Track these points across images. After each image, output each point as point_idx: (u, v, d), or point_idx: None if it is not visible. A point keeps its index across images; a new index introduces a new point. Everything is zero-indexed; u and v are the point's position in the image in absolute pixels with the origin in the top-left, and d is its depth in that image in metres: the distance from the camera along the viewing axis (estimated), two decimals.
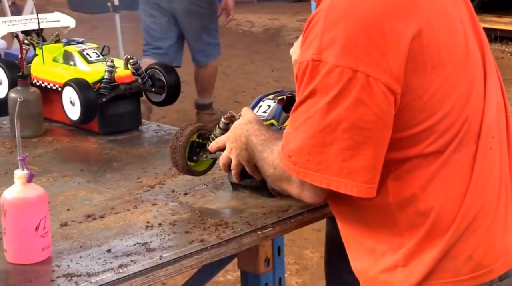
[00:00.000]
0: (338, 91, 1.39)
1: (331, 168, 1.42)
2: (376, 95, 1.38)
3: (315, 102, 1.42)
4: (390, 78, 1.39)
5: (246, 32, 7.45)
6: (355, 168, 1.40)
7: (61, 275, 1.56)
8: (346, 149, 1.40)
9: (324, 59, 1.39)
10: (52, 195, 1.87)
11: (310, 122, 1.43)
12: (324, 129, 1.41)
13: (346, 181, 1.41)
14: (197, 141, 1.89)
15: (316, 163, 1.43)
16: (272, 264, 2.07)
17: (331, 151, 1.41)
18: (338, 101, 1.39)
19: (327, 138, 1.41)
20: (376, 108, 1.39)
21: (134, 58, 2.33)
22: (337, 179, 1.42)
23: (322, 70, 1.39)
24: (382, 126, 1.41)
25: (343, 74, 1.38)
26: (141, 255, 1.63)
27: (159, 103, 2.39)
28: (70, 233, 1.74)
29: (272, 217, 1.78)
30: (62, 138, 2.31)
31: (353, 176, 1.41)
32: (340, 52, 1.38)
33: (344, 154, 1.41)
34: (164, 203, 1.88)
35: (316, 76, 1.40)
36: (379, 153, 1.42)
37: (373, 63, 1.38)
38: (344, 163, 1.41)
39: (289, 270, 3.39)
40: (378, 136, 1.41)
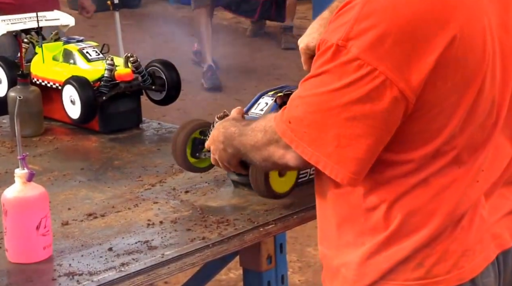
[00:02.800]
0: (351, 81, 1.38)
1: (324, 148, 1.42)
2: (387, 97, 1.37)
3: (326, 82, 1.40)
4: (407, 86, 1.37)
5: (246, 29, 7.43)
6: (347, 157, 1.41)
7: (62, 274, 1.56)
8: (344, 136, 1.40)
9: (348, 47, 1.38)
10: (52, 194, 1.86)
11: (317, 99, 1.42)
12: (328, 111, 1.40)
13: (334, 165, 1.41)
14: (199, 138, 1.89)
15: (312, 138, 1.43)
16: (275, 261, 2.06)
17: (328, 133, 1.41)
18: (349, 91, 1.38)
19: (328, 120, 1.40)
20: (384, 109, 1.38)
21: (134, 56, 2.32)
22: (326, 160, 1.42)
23: (343, 57, 1.38)
24: (385, 127, 1.40)
25: (362, 68, 1.37)
26: (143, 253, 1.63)
27: (159, 101, 2.39)
28: (71, 232, 1.73)
29: (274, 214, 1.78)
30: (63, 137, 2.31)
31: (342, 163, 1.41)
32: (366, 46, 1.36)
33: (340, 141, 1.40)
34: (165, 201, 1.87)
35: (335, 60, 1.39)
36: (374, 150, 1.41)
37: (395, 67, 1.36)
38: (338, 149, 1.41)
39: (292, 267, 3.38)
40: (379, 135, 1.40)
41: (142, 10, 8.04)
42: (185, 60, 6.04)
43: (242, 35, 7.22)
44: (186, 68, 5.54)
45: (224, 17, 7.79)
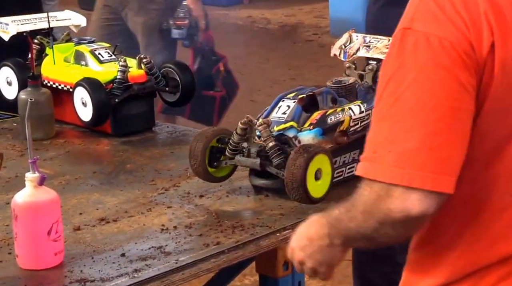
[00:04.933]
0: (425, 63, 1.26)
1: (415, 159, 1.25)
2: (463, 73, 1.25)
3: (399, 80, 1.28)
4: (480, 58, 1.25)
5: (262, 29, 7.42)
6: (442, 157, 1.25)
7: (74, 280, 1.55)
8: (432, 133, 1.25)
9: (414, 27, 1.28)
10: (64, 198, 1.85)
11: (396, 105, 1.27)
12: (410, 111, 1.26)
13: (435, 176, 1.25)
14: (216, 146, 1.86)
15: (398, 153, 1.26)
16: (291, 267, 2.03)
17: (415, 138, 1.25)
18: (425, 75, 1.26)
19: (411, 121, 1.26)
20: (461, 85, 1.25)
21: (148, 58, 2.29)
22: (421, 173, 1.25)
23: (410, 39, 1.28)
24: (469, 108, 1.26)
25: (431, 41, 1.26)
26: (156, 259, 1.61)
27: (173, 103, 2.36)
28: (83, 237, 1.72)
29: (290, 219, 1.76)
30: (74, 140, 2.30)
31: (442, 167, 1.25)
32: (430, 19, 1.28)
33: (430, 141, 1.25)
34: (179, 206, 1.85)
35: (403, 48, 1.28)
36: (466, 140, 1.27)
37: (463, 36, 1.25)
38: (431, 152, 1.25)
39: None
40: (465, 120, 1.26)
41: None
42: None
43: (257, 35, 7.21)
44: None
45: (238, 16, 7.79)
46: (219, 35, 7.23)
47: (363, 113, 1.88)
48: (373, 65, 1.94)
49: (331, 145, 1.84)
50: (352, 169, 1.92)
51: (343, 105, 1.88)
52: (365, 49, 1.95)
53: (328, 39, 6.81)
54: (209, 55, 4.03)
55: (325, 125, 1.83)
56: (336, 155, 1.87)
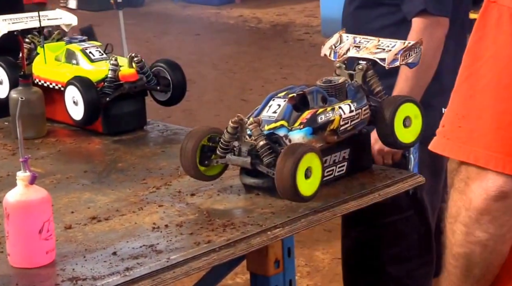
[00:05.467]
0: (506, 38, 1.19)
1: (482, 137, 1.19)
2: None
3: (478, 53, 1.21)
4: None
5: (253, 28, 7.42)
6: (510, 137, 1.18)
7: (66, 279, 1.54)
8: (503, 112, 1.18)
9: (500, 1, 1.21)
10: (55, 197, 1.85)
11: (471, 79, 1.21)
12: (483, 87, 1.20)
13: (499, 156, 1.18)
14: (207, 145, 1.86)
15: (468, 130, 1.20)
16: (282, 265, 2.04)
17: (485, 115, 1.19)
18: (506, 50, 1.19)
19: (484, 98, 1.19)
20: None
21: (139, 56, 2.30)
22: (487, 153, 1.19)
23: (493, 13, 1.21)
24: None
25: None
26: (148, 257, 1.61)
27: (164, 102, 2.36)
28: (74, 236, 1.72)
29: (281, 217, 1.76)
30: (65, 139, 2.29)
31: (509, 148, 1.18)
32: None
33: (500, 119, 1.19)
34: (170, 204, 1.85)
35: (486, 21, 1.22)
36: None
37: None
38: (499, 131, 1.18)
39: (300, 272, 3.36)
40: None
41: (146, 9, 8.04)
42: (190, 60, 6.03)
43: (248, 34, 7.20)
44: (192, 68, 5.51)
45: (229, 15, 7.78)
46: (211, 34, 7.23)
47: (353, 112, 1.89)
48: (363, 65, 1.94)
49: (321, 144, 1.84)
50: (343, 168, 1.93)
51: (333, 104, 1.88)
52: (355, 49, 1.96)
53: (319, 38, 6.82)
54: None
55: (315, 124, 1.83)
56: (327, 153, 1.87)
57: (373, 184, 1.91)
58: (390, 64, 1.91)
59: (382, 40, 1.96)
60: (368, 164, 2.00)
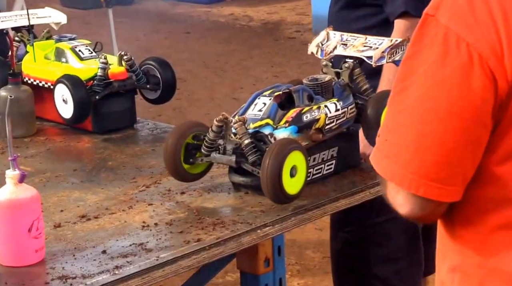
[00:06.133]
0: (437, 58, 1.16)
1: (402, 155, 1.18)
2: (477, 78, 1.14)
3: (412, 67, 1.19)
4: (499, 66, 1.14)
5: (244, 26, 7.41)
6: (427, 161, 1.16)
7: (55, 277, 1.54)
8: (425, 134, 1.16)
9: (438, 16, 1.17)
10: (45, 195, 1.85)
11: (403, 93, 1.19)
12: (412, 104, 1.17)
13: (413, 176, 1.17)
14: (192, 143, 1.85)
15: (391, 144, 1.19)
16: (272, 264, 2.04)
17: (409, 134, 1.17)
18: (435, 71, 1.16)
19: (411, 115, 1.17)
20: (472, 93, 1.14)
21: (128, 55, 2.29)
22: (403, 172, 1.17)
23: (431, 29, 1.17)
24: (476, 119, 1.15)
25: (449, 39, 1.15)
26: (137, 255, 1.61)
27: (154, 100, 2.36)
28: (64, 234, 1.71)
29: (271, 215, 1.76)
30: (55, 138, 2.29)
31: (423, 170, 1.16)
32: (455, 12, 1.17)
33: (421, 141, 1.17)
34: (160, 203, 1.85)
35: (423, 35, 1.18)
36: (465, 151, 1.16)
37: (486, 40, 1.14)
38: (418, 153, 1.16)
39: (290, 270, 3.35)
40: (470, 130, 1.15)
41: (135, 7, 8.02)
42: (180, 58, 6.02)
43: (239, 32, 7.20)
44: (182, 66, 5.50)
45: (220, 13, 7.77)
46: (201, 32, 7.22)
47: (339, 111, 1.88)
48: (350, 63, 1.93)
49: (307, 143, 1.84)
50: (331, 166, 1.93)
51: (319, 103, 1.87)
52: (342, 47, 1.95)
53: (310, 36, 6.81)
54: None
55: (300, 123, 1.82)
56: (314, 152, 1.87)
57: (364, 182, 1.91)
58: (377, 62, 1.90)
59: (369, 38, 1.95)
60: (357, 162, 2.00)
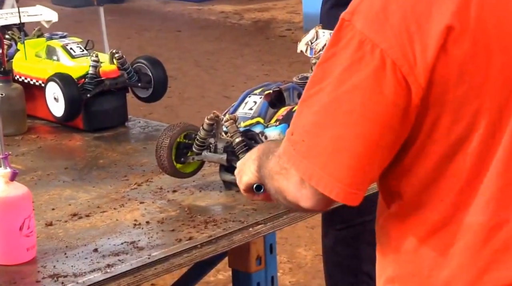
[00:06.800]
0: (352, 63, 1.18)
1: (319, 157, 1.20)
2: (389, 83, 1.16)
3: (328, 70, 1.20)
4: (412, 71, 1.17)
5: (235, 25, 7.41)
6: (342, 164, 1.19)
7: (46, 276, 1.54)
8: (341, 137, 1.19)
9: (354, 21, 1.19)
10: (36, 194, 1.84)
11: (319, 94, 1.20)
12: (327, 106, 1.19)
13: (328, 178, 1.20)
14: (183, 142, 1.86)
15: (308, 146, 1.21)
16: (264, 262, 2.04)
17: (326, 136, 1.20)
18: (349, 76, 1.18)
19: (327, 118, 1.19)
20: (385, 98, 1.17)
21: (120, 53, 2.29)
22: (320, 173, 1.20)
23: (347, 34, 1.19)
24: (389, 124, 1.18)
25: (364, 45, 1.17)
26: (129, 254, 1.61)
27: (146, 98, 2.35)
28: (55, 232, 1.71)
29: (263, 214, 1.76)
30: (46, 136, 2.28)
31: (338, 172, 1.20)
32: (369, 18, 1.18)
33: (337, 143, 1.19)
34: (152, 201, 1.85)
35: (339, 40, 1.20)
36: (377, 155, 1.20)
37: (399, 45, 1.16)
38: (333, 155, 1.19)
39: (282, 269, 3.35)
40: (381, 134, 1.19)
41: (127, 5, 8.00)
42: (171, 56, 6.01)
43: (230, 30, 7.20)
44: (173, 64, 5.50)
45: (211, 11, 7.77)
46: (192, 30, 7.22)
47: None
48: None
49: None
50: None
51: None
52: None
53: (301, 34, 6.80)
54: None
55: (291, 121, 1.82)
56: None
57: None
58: None
59: None
60: None
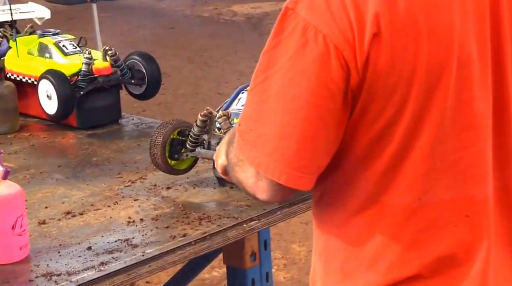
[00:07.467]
0: (297, 49, 1.19)
1: (267, 144, 1.21)
2: (334, 67, 1.18)
3: (273, 59, 1.21)
4: (352, 56, 1.18)
5: (228, 21, 7.40)
6: (290, 149, 1.20)
7: (40, 274, 1.53)
8: (287, 123, 1.20)
9: (298, 10, 1.20)
10: (29, 192, 1.84)
11: (265, 84, 1.22)
12: (275, 95, 1.20)
13: (277, 164, 1.20)
14: (177, 138, 1.85)
15: (256, 134, 1.22)
16: (259, 258, 2.04)
17: (272, 123, 1.20)
18: (295, 63, 1.19)
19: (274, 106, 1.20)
20: (330, 81, 1.18)
21: (113, 49, 2.27)
22: (268, 160, 1.21)
23: (291, 22, 1.20)
24: (333, 107, 1.19)
25: (307, 31, 1.19)
26: (123, 251, 1.60)
27: (139, 95, 2.35)
28: (48, 231, 1.70)
29: (257, 210, 1.75)
30: (39, 134, 2.27)
31: (285, 158, 1.20)
32: (313, 7, 1.19)
33: (284, 130, 1.20)
34: (146, 198, 1.84)
35: (283, 28, 1.21)
36: (323, 139, 1.21)
37: (340, 31, 1.17)
38: (281, 141, 1.20)
39: (277, 265, 3.35)
40: (327, 119, 1.20)
41: (120, 2, 7.98)
42: (165, 53, 6.00)
43: (223, 27, 7.19)
44: (167, 61, 5.49)
45: (204, 8, 7.76)
46: (185, 27, 7.21)
47: None
48: None
49: None
50: None
51: None
52: None
53: None
54: None
55: None
56: None
57: None
58: None
59: None
60: None
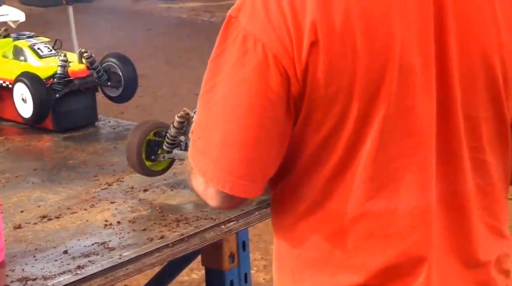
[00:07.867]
0: (238, 58, 1.21)
1: (213, 152, 1.23)
2: (273, 76, 1.19)
3: (219, 66, 1.24)
4: (291, 64, 1.19)
5: (206, 22, 7.40)
6: (233, 158, 1.22)
7: (15, 279, 1.51)
8: (231, 131, 1.22)
9: (239, 18, 1.22)
10: (4, 196, 1.82)
11: (212, 92, 1.24)
12: (219, 102, 1.22)
13: (221, 172, 1.23)
14: (154, 139, 1.84)
15: (205, 143, 1.24)
16: (237, 259, 2.04)
17: (218, 131, 1.23)
18: (236, 71, 1.21)
19: (219, 114, 1.23)
20: (270, 91, 1.19)
21: (89, 52, 2.26)
22: (214, 168, 1.23)
23: (233, 31, 1.22)
24: (274, 115, 1.21)
25: (247, 40, 1.20)
26: (100, 255, 1.59)
27: (116, 98, 2.33)
28: (24, 235, 1.69)
29: (235, 211, 1.75)
30: (14, 137, 2.25)
31: (229, 166, 1.22)
32: (250, 13, 1.21)
33: (227, 138, 1.22)
34: (122, 201, 1.83)
35: (226, 36, 1.23)
36: (267, 148, 1.23)
37: (278, 39, 1.18)
38: (225, 149, 1.22)
39: (256, 266, 3.35)
40: (270, 127, 1.21)
41: (96, 4, 7.96)
42: (143, 55, 5.99)
43: (201, 28, 7.18)
44: (144, 62, 5.47)
45: (181, 9, 7.75)
46: (163, 29, 7.20)
47: None
48: None
49: None
50: None
51: None
52: None
53: None
54: None
55: None
56: None
57: None
58: None
59: None
60: None
